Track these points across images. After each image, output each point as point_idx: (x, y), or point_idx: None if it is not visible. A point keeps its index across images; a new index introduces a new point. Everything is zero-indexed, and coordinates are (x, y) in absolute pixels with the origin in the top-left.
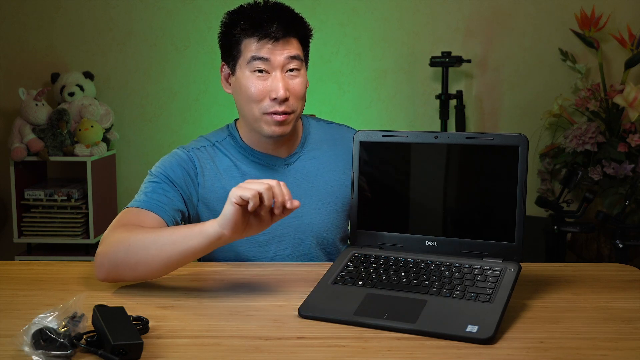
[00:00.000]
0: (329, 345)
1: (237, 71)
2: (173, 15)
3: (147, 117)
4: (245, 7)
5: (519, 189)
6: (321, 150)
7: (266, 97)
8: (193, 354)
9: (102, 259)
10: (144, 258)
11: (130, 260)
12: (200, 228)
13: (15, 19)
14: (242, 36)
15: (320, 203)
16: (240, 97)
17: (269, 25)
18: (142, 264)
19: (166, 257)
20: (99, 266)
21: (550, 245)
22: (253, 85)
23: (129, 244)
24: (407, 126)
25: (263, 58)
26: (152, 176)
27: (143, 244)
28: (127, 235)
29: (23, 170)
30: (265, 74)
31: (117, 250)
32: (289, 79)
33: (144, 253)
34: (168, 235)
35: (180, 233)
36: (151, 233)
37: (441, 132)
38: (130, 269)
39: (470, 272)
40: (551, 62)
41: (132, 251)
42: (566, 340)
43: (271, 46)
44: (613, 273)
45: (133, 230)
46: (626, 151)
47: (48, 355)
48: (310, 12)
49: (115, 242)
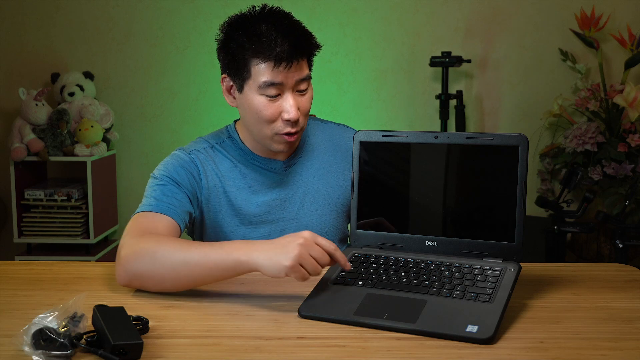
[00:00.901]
0: (329, 345)
1: (246, 90)
2: (173, 15)
3: (147, 117)
4: (250, 23)
5: (519, 189)
6: (320, 151)
7: (278, 119)
8: (193, 354)
9: (126, 266)
10: (171, 276)
11: (156, 274)
12: (235, 262)
13: (15, 19)
14: (253, 59)
15: (319, 205)
16: (249, 116)
17: (282, 48)
18: (168, 281)
19: (194, 280)
20: (123, 273)
21: (550, 245)
22: (265, 108)
23: (156, 258)
24: (407, 126)
25: (277, 84)
26: (158, 179)
27: (172, 262)
28: (153, 246)
29: (23, 170)
30: (277, 97)
31: (144, 262)
32: (298, 96)
33: (171, 271)
34: (199, 259)
35: (212, 259)
36: (179, 251)
37: (441, 132)
38: (155, 282)
39: (470, 272)
40: (551, 62)
41: (159, 266)
42: (566, 340)
43: (285, 70)
44: (613, 273)
45: (160, 243)
46: (626, 151)
47: (48, 355)
48: (310, 12)
49: (141, 252)
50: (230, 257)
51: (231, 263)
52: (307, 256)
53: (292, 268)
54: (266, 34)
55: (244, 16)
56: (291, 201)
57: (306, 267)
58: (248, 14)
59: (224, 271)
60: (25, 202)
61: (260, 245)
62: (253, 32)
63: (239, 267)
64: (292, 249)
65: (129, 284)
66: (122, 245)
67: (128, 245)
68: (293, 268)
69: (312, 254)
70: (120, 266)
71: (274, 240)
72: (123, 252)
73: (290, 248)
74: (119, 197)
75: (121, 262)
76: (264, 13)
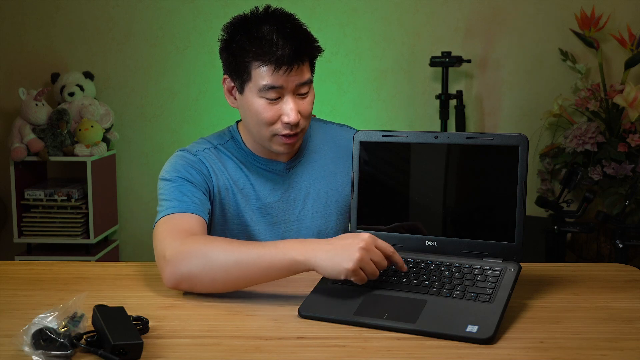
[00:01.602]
0: (329, 345)
1: (246, 92)
2: (173, 15)
3: (147, 117)
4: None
5: (519, 189)
6: (322, 153)
7: (278, 121)
8: (193, 354)
9: (176, 267)
10: (223, 276)
11: (207, 275)
12: (291, 261)
13: (15, 19)
14: (253, 62)
15: (321, 206)
16: (249, 117)
17: (283, 52)
18: (219, 282)
19: (246, 280)
20: (171, 274)
21: (550, 245)
22: (265, 110)
23: (207, 258)
24: (407, 126)
25: (278, 87)
26: (171, 181)
27: (224, 262)
28: (203, 247)
29: (23, 170)
30: (278, 99)
31: (195, 263)
32: (299, 99)
33: (224, 272)
34: (253, 259)
35: (266, 259)
36: (232, 251)
37: (441, 132)
38: (206, 283)
39: (470, 272)
40: (551, 62)
41: (211, 266)
42: (566, 340)
43: (285, 74)
44: (613, 273)
45: (210, 243)
46: (626, 151)
47: (48, 355)
48: (310, 12)
49: (191, 253)
50: (286, 257)
51: (287, 263)
52: (368, 260)
53: (353, 272)
54: (267, 37)
55: (246, 17)
56: (293, 203)
57: (366, 270)
58: (251, 15)
59: (278, 271)
60: (25, 202)
61: (318, 245)
62: (254, 35)
63: (295, 266)
64: (353, 252)
65: (176, 286)
66: (164, 247)
67: (173, 246)
68: (355, 272)
69: (373, 258)
70: (169, 268)
71: (331, 241)
72: (169, 253)
73: (351, 251)
74: (119, 197)
75: (169, 263)
76: (267, 14)
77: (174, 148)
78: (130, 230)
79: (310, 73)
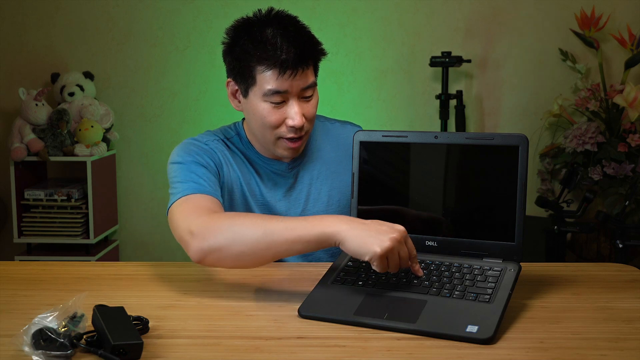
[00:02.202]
0: (329, 345)
1: (251, 96)
2: (173, 15)
3: (147, 117)
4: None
5: (519, 189)
6: (325, 151)
7: (282, 124)
8: (193, 354)
9: (203, 242)
10: (251, 249)
11: (235, 249)
12: (320, 234)
13: (15, 19)
14: (258, 67)
15: (323, 206)
16: (254, 121)
17: (287, 56)
18: (247, 255)
19: (273, 254)
20: (197, 249)
21: (550, 245)
22: (270, 114)
23: (235, 232)
24: (407, 126)
25: (282, 92)
26: (184, 164)
27: (253, 235)
28: (231, 221)
29: (23, 170)
30: (282, 103)
31: (222, 236)
32: (303, 102)
33: (252, 245)
34: (281, 231)
35: (296, 232)
36: (260, 225)
37: (441, 132)
38: (234, 257)
39: (470, 272)
40: (551, 62)
41: (239, 239)
42: (566, 340)
43: (290, 78)
44: (613, 273)
45: (237, 217)
46: (626, 151)
47: (48, 355)
48: (310, 12)
49: (219, 227)
50: (315, 230)
51: (315, 235)
52: (396, 252)
53: (380, 257)
54: (271, 41)
55: (249, 20)
56: (295, 202)
57: (390, 261)
58: (254, 18)
59: (306, 244)
60: (25, 202)
61: (350, 222)
62: (258, 39)
63: (323, 239)
64: (385, 239)
65: (203, 259)
66: (189, 223)
67: (200, 221)
68: (381, 257)
69: (400, 252)
70: (196, 242)
71: (366, 222)
72: (196, 228)
73: (384, 237)
74: (119, 197)
75: (196, 237)
76: (270, 17)
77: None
78: (130, 230)
79: (314, 76)
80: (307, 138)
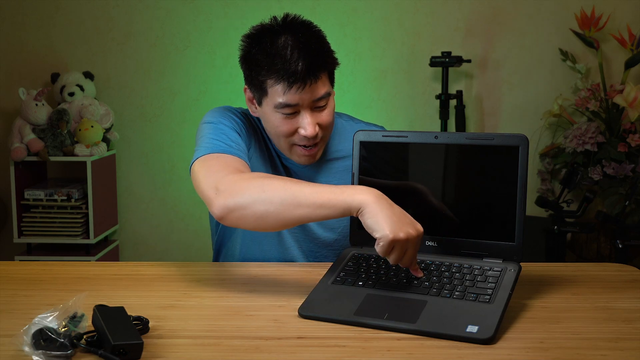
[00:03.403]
0: (329, 345)
1: (264, 105)
2: (173, 15)
3: (147, 117)
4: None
5: (519, 189)
6: (344, 151)
7: (295, 133)
8: (193, 354)
9: (228, 198)
10: (277, 210)
11: (260, 208)
12: (346, 201)
13: (15, 19)
14: (267, 80)
15: None
16: (268, 128)
17: (296, 68)
18: (271, 216)
19: (298, 216)
20: (221, 205)
21: (550, 245)
22: (282, 124)
23: (264, 191)
24: (407, 126)
25: (293, 105)
26: (216, 125)
27: (281, 195)
28: (261, 181)
29: (23, 170)
30: (294, 113)
31: (250, 194)
32: (316, 112)
33: (278, 205)
34: (309, 195)
35: (324, 196)
36: (289, 186)
37: (441, 132)
38: (257, 216)
39: (470, 273)
40: (551, 62)
41: (267, 199)
42: (566, 340)
43: (300, 90)
44: (613, 273)
45: (267, 177)
46: (626, 151)
47: (48, 355)
48: (310, 12)
49: (248, 185)
50: (342, 195)
51: (341, 201)
52: (404, 247)
53: (389, 242)
54: (281, 53)
55: (263, 29)
56: None
57: (395, 252)
58: (268, 25)
59: (331, 209)
60: (25, 202)
61: (379, 197)
62: (268, 51)
63: (348, 206)
64: (403, 229)
65: (225, 217)
66: (217, 179)
67: (229, 178)
68: (389, 242)
69: (407, 250)
70: (221, 198)
71: (393, 204)
72: (224, 184)
73: (402, 227)
74: (119, 197)
75: (222, 194)
76: (285, 24)
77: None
78: (130, 230)
79: (327, 86)
80: (324, 144)
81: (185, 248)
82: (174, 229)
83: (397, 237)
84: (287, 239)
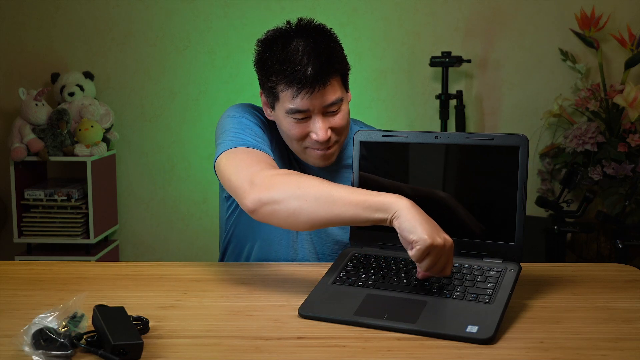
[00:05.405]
0: (329, 345)
1: (276, 110)
2: (173, 15)
3: (147, 117)
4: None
5: (519, 189)
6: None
7: (308, 137)
8: (193, 354)
9: (264, 192)
10: (311, 207)
11: (293, 204)
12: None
13: (15, 19)
14: (278, 85)
15: None
16: (282, 132)
17: (305, 74)
18: (303, 211)
19: (329, 217)
20: (255, 197)
21: (550, 245)
22: (294, 128)
23: (300, 187)
24: (407, 126)
25: (303, 110)
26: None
27: (316, 193)
28: (297, 177)
29: (23, 170)
30: (306, 118)
31: (285, 189)
32: (329, 117)
33: (313, 202)
34: (344, 194)
35: (358, 197)
36: (325, 185)
37: (441, 132)
38: (290, 211)
39: (470, 273)
40: (551, 62)
41: (302, 195)
42: (566, 340)
43: (310, 96)
44: (613, 273)
45: (303, 175)
46: (626, 151)
47: (48, 355)
48: (310, 12)
49: (284, 181)
50: (377, 197)
51: (376, 202)
52: (439, 254)
53: (426, 246)
54: (291, 58)
55: (276, 34)
56: None
57: (430, 258)
58: (281, 30)
59: (365, 209)
60: (25, 202)
61: (412, 205)
62: (278, 57)
63: (382, 207)
64: (440, 237)
65: (256, 211)
66: (252, 173)
67: (265, 173)
68: (427, 248)
69: (440, 258)
70: (255, 191)
71: (426, 214)
72: (259, 178)
73: (440, 235)
74: (119, 197)
75: (257, 187)
76: (298, 29)
77: (174, 148)
78: (130, 230)
79: (339, 92)
80: (340, 147)
81: (185, 248)
82: (174, 229)
83: (435, 242)
84: (303, 239)
